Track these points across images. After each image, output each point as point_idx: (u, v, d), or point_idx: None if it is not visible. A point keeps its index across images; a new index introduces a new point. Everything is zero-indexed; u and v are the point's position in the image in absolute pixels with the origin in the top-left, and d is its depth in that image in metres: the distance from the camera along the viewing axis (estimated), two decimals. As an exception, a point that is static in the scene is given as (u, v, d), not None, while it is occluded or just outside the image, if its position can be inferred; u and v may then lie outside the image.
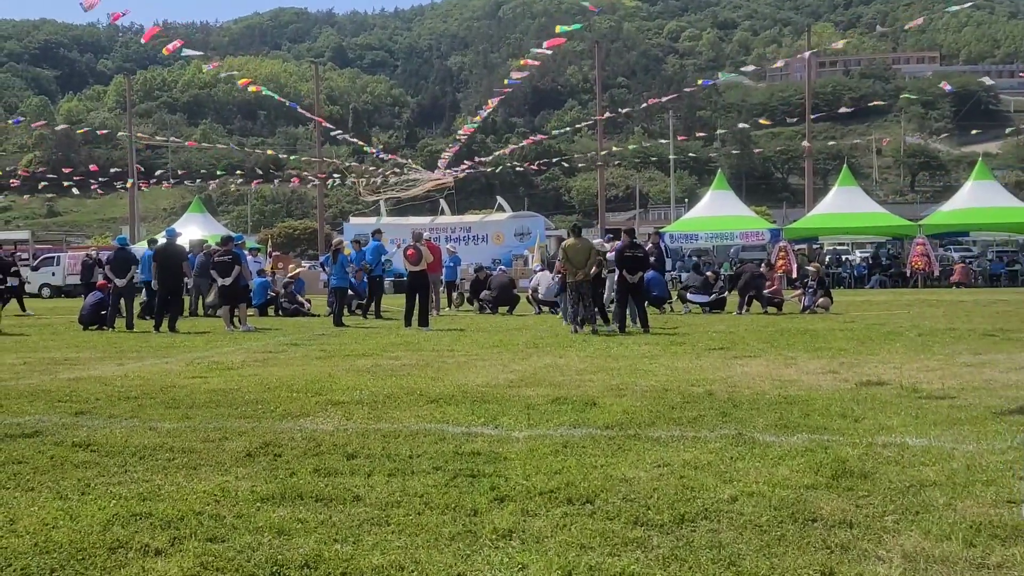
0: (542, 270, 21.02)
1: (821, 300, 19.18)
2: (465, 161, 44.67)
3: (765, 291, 19.12)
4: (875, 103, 60.43)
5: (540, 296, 20.03)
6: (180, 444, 5.88)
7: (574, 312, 14.86)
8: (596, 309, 15.19)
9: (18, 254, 36.68)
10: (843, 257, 37.77)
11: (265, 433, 6.22)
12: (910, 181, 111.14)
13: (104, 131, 60.65)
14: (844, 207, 33.81)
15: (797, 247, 33.73)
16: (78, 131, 76.73)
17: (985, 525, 3.96)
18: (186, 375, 9.61)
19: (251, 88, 38.97)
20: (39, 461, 5.45)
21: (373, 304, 19.65)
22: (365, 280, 20.08)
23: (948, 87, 49.29)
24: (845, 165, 40.51)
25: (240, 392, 8.22)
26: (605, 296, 17.68)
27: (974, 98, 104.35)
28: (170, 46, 30.38)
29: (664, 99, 45.48)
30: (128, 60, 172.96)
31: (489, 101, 37.33)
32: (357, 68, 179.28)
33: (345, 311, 20.44)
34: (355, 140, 48.48)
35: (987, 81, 61.99)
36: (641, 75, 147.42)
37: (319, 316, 20.51)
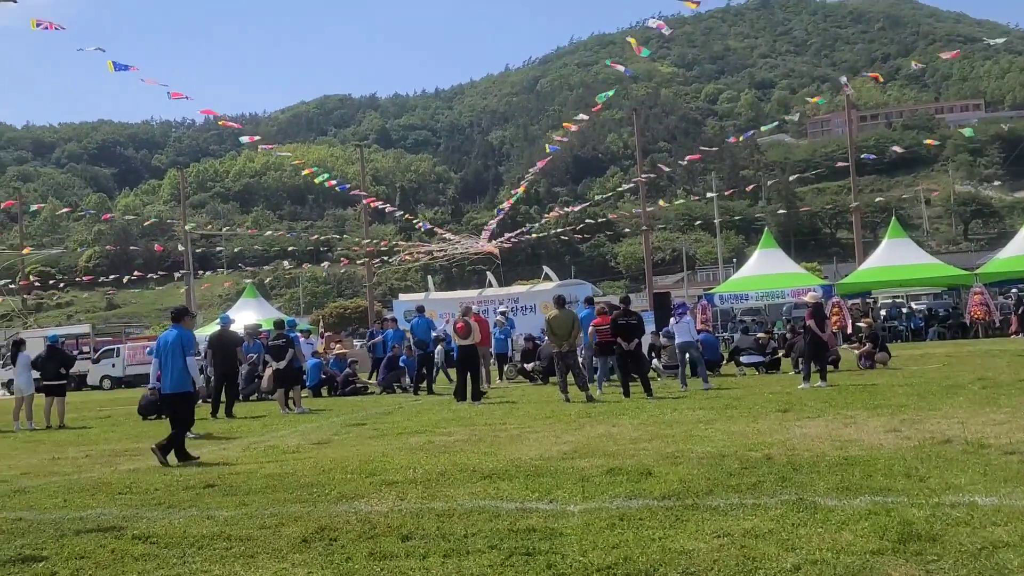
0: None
1: (879, 355, 18.79)
2: (507, 235, 45.08)
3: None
4: (926, 143, 59.55)
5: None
6: (237, 532, 5.91)
7: (561, 383, 15.40)
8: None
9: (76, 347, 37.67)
10: (901, 310, 37.00)
11: (321, 517, 6.23)
12: (963, 230, 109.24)
13: (170, 221, 61.76)
14: (895, 259, 33.26)
15: (851, 302, 33.19)
16: (144, 223, 79.07)
17: (1063, 587, 3.80)
18: (243, 461, 9.69)
19: (305, 172, 40.27)
20: (100, 556, 5.51)
21: (425, 381, 19.68)
22: (404, 356, 20.42)
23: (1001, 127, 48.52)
24: (894, 217, 40.01)
25: (296, 476, 8.26)
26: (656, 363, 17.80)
27: (1023, 143, 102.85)
28: (228, 122, 31.94)
29: (705, 151, 45.38)
30: (181, 154, 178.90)
31: (529, 171, 37.79)
32: (401, 148, 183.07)
33: (395, 388, 20.65)
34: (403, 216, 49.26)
35: None
36: (681, 138, 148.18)
37: (373, 393, 20.66)
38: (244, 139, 31.15)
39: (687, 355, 16.54)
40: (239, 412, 16.67)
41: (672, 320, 16.99)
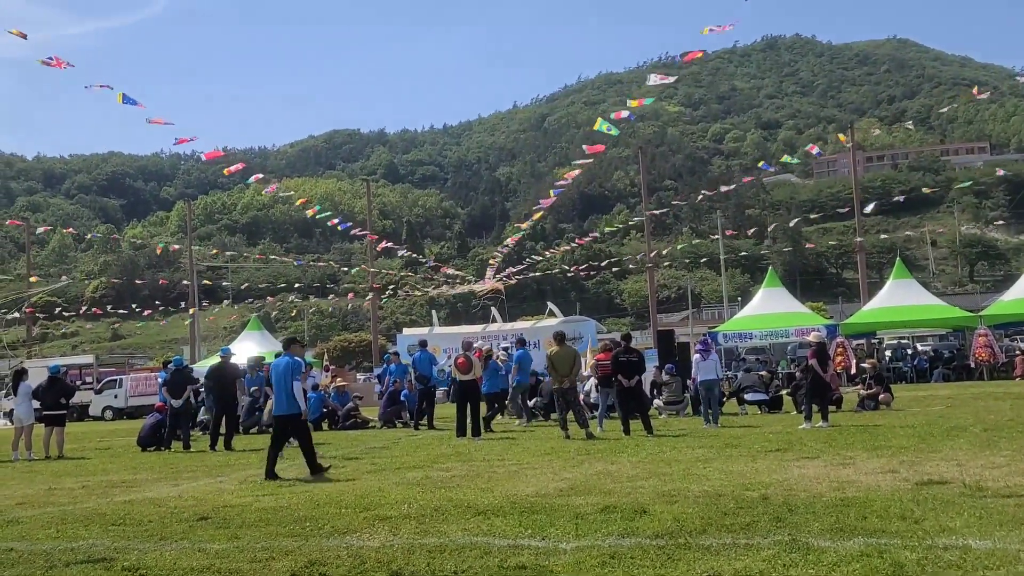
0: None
1: (882, 396, 18.71)
2: (511, 269, 45.26)
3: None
4: (927, 190, 59.76)
5: (591, 401, 19.87)
6: (227, 566, 5.88)
7: (562, 419, 15.39)
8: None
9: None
10: (906, 351, 36.85)
11: (311, 552, 6.20)
12: (969, 271, 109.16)
13: (175, 247, 61.79)
14: (900, 300, 33.21)
15: (855, 343, 33.08)
16: (152, 243, 79.45)
17: (1053, 632, 3.77)
18: (238, 494, 9.66)
19: (308, 211, 40.52)
20: (89, 586, 5.49)
21: (426, 416, 19.61)
22: (406, 391, 20.42)
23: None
24: (899, 258, 40.03)
25: (290, 510, 8.23)
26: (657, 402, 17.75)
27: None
28: (232, 168, 31.98)
29: (712, 192, 45.82)
30: (189, 187, 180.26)
31: (534, 211, 38.16)
32: (408, 183, 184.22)
33: (396, 423, 20.62)
34: (408, 252, 49.53)
35: None
36: (687, 177, 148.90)
37: (375, 427, 20.59)
38: (251, 180, 31.45)
39: (710, 393, 16.33)
40: (238, 445, 16.62)
41: (696, 356, 16.79)
